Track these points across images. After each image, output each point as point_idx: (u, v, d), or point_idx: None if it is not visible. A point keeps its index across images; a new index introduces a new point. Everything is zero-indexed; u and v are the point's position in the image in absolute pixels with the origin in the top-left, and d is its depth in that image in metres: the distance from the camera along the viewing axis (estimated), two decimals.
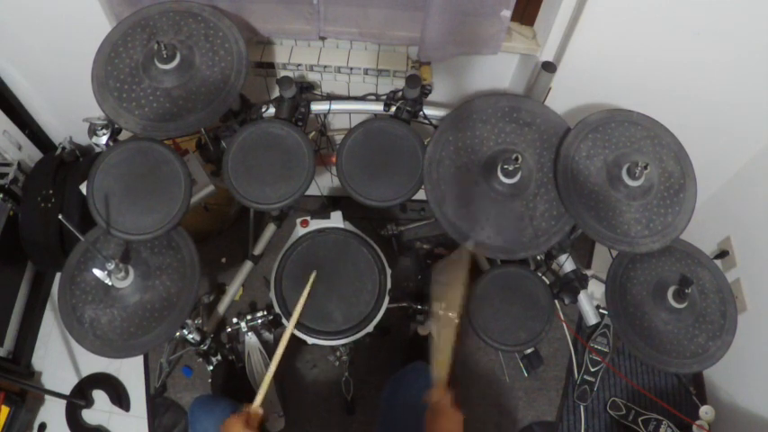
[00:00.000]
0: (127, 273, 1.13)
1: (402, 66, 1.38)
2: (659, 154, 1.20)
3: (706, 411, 1.62)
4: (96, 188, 1.13)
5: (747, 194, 1.55)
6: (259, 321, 1.62)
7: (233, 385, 1.65)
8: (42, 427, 1.70)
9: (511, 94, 1.33)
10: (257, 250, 1.81)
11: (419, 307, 1.66)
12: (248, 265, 1.80)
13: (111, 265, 1.07)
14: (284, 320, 1.31)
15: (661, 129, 1.22)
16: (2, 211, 1.65)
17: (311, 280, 1.29)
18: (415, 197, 1.24)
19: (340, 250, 1.37)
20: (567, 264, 1.34)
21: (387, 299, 1.33)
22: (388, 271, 1.36)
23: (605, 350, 1.81)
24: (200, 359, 1.63)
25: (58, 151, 1.72)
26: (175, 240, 1.19)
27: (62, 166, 1.70)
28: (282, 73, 1.43)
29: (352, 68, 1.39)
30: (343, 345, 1.47)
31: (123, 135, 1.25)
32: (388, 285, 1.34)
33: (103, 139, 1.20)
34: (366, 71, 1.39)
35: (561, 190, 1.17)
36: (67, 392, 1.69)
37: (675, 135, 1.22)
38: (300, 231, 1.42)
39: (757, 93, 1.29)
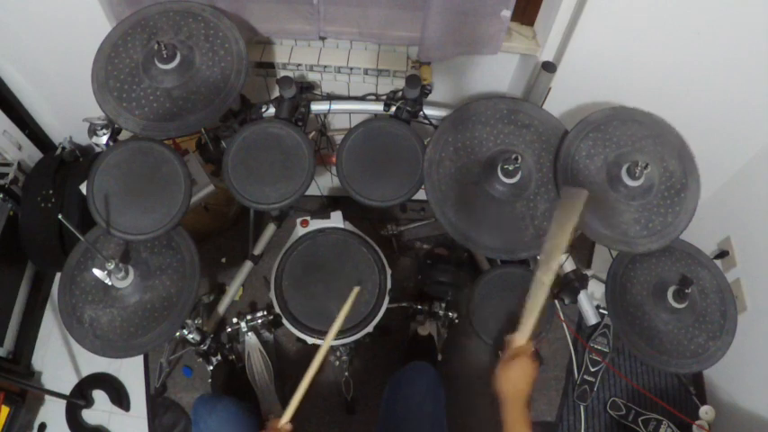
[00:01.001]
0: (127, 273, 1.13)
1: (402, 66, 1.38)
2: (661, 153, 1.20)
3: (706, 411, 1.62)
4: (96, 188, 1.13)
5: (747, 194, 1.55)
6: (259, 321, 1.62)
7: (233, 385, 1.65)
8: (42, 427, 1.70)
9: (509, 98, 1.33)
10: (257, 250, 1.81)
11: (419, 307, 1.66)
12: (248, 265, 1.80)
13: (110, 265, 1.07)
14: (285, 321, 1.31)
15: (664, 126, 1.22)
16: (2, 211, 1.65)
17: (354, 293, 1.21)
18: (415, 197, 1.24)
19: (340, 250, 1.37)
20: (567, 264, 1.34)
21: (387, 299, 1.33)
22: (388, 271, 1.37)
23: (605, 350, 1.81)
24: (200, 359, 1.63)
25: (58, 151, 1.72)
26: (175, 240, 1.19)
27: (62, 166, 1.70)
28: (282, 73, 1.43)
29: (352, 68, 1.39)
30: (343, 345, 1.47)
31: (123, 135, 1.25)
32: (388, 285, 1.35)
33: (103, 139, 1.20)
34: (366, 71, 1.39)
35: (560, 189, 1.17)
36: (67, 392, 1.69)
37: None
38: (300, 231, 1.42)
39: (757, 93, 1.29)
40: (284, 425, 1.04)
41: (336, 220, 1.43)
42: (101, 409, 1.73)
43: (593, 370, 1.79)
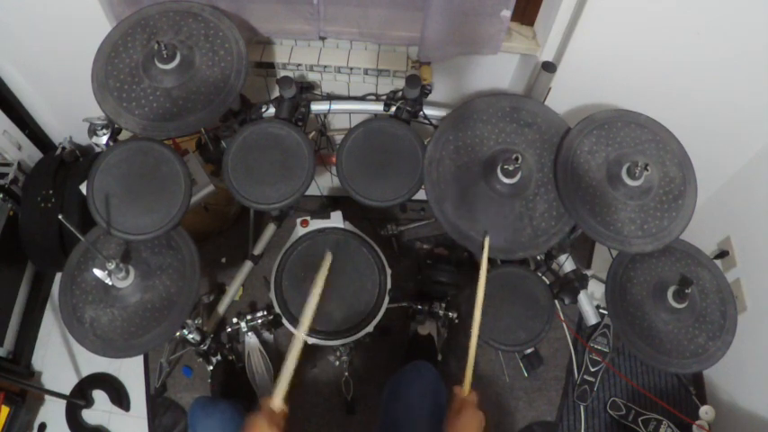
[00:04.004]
0: (127, 272, 1.13)
1: (402, 66, 1.38)
2: (662, 158, 1.20)
3: (706, 411, 1.62)
4: (96, 188, 1.13)
5: (747, 194, 1.55)
6: (259, 321, 1.62)
7: (233, 385, 1.65)
8: (42, 427, 1.70)
9: (512, 94, 1.33)
10: (257, 250, 1.81)
11: (419, 307, 1.66)
12: (248, 265, 1.80)
13: (111, 265, 1.07)
14: (285, 321, 1.31)
15: (667, 134, 1.22)
16: (2, 211, 1.65)
17: (326, 262, 1.21)
18: (415, 197, 1.24)
19: (340, 250, 1.37)
20: (567, 264, 1.34)
21: (387, 299, 1.33)
22: (388, 271, 1.37)
23: (605, 350, 1.81)
24: (200, 359, 1.63)
25: (58, 151, 1.72)
26: (175, 240, 1.19)
27: (62, 166, 1.70)
28: (282, 73, 1.43)
29: (352, 68, 1.39)
30: (343, 345, 1.47)
31: (123, 135, 1.25)
32: (388, 285, 1.35)
33: (103, 139, 1.20)
34: (366, 71, 1.39)
35: (559, 180, 1.17)
36: (67, 392, 1.69)
37: (675, 135, 1.22)
38: (300, 231, 1.42)
39: (757, 93, 1.29)
40: (278, 405, 0.99)
41: (336, 220, 1.43)
42: (101, 409, 1.73)
43: (593, 370, 1.79)
